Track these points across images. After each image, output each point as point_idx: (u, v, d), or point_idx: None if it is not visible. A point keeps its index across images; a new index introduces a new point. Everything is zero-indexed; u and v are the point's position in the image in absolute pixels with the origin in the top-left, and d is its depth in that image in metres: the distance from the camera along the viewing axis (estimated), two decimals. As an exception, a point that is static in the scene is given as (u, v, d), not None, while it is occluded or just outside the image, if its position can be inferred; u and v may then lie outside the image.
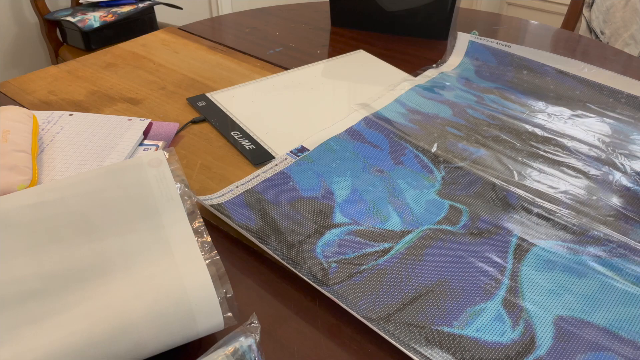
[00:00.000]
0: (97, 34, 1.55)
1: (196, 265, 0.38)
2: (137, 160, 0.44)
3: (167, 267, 0.37)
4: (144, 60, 0.82)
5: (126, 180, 0.42)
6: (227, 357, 0.33)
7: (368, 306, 0.39)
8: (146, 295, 0.35)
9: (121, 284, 0.36)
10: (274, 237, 0.45)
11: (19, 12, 1.71)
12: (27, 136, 0.55)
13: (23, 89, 0.73)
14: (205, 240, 0.40)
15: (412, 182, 0.54)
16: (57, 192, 0.40)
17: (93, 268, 0.37)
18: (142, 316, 0.34)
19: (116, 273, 0.37)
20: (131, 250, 0.38)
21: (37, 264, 0.36)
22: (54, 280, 0.36)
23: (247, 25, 0.99)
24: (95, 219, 0.39)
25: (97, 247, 0.38)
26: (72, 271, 0.36)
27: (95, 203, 0.40)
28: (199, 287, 0.36)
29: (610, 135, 0.62)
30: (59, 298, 0.35)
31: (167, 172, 0.43)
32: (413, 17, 0.92)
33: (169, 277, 0.37)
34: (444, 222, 0.48)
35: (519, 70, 0.76)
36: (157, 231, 0.40)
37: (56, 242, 0.38)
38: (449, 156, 0.58)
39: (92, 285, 0.36)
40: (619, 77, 0.71)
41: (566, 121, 0.65)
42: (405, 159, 0.57)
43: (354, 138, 0.60)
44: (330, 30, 0.96)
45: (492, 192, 0.52)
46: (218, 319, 0.36)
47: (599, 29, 1.45)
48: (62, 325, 0.34)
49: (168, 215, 0.41)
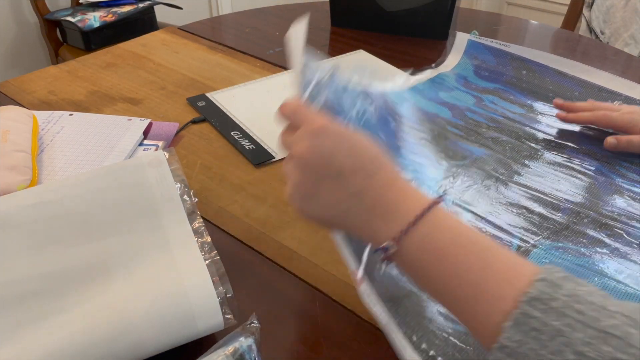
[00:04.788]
0: (97, 34, 1.55)
1: (196, 265, 0.38)
2: (137, 161, 0.44)
3: (166, 267, 0.37)
4: (144, 60, 0.82)
5: (126, 181, 0.42)
6: (227, 357, 0.33)
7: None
8: (146, 295, 0.35)
9: (121, 284, 0.36)
10: None
11: (19, 12, 1.71)
12: (27, 136, 0.55)
13: (23, 89, 0.73)
14: (205, 240, 0.40)
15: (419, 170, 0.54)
16: (57, 193, 0.40)
17: (92, 268, 0.37)
18: (141, 316, 0.34)
19: (116, 273, 0.37)
20: (131, 250, 0.38)
21: (36, 264, 0.36)
22: (53, 281, 0.36)
23: (247, 25, 0.99)
24: (94, 220, 0.39)
25: (96, 247, 0.38)
26: (72, 271, 0.36)
27: (95, 203, 0.40)
28: (199, 287, 0.36)
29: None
30: (59, 298, 0.35)
31: (167, 172, 0.43)
32: (413, 17, 0.92)
33: (169, 277, 0.37)
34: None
35: (518, 70, 0.75)
36: (156, 231, 0.39)
37: (56, 243, 0.38)
38: (450, 154, 0.58)
39: (91, 285, 0.36)
40: (618, 79, 0.71)
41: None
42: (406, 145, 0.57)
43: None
44: (330, 30, 0.96)
45: (493, 191, 0.52)
46: (218, 318, 0.36)
47: (599, 29, 1.45)
48: (62, 326, 0.34)
49: (168, 215, 0.41)
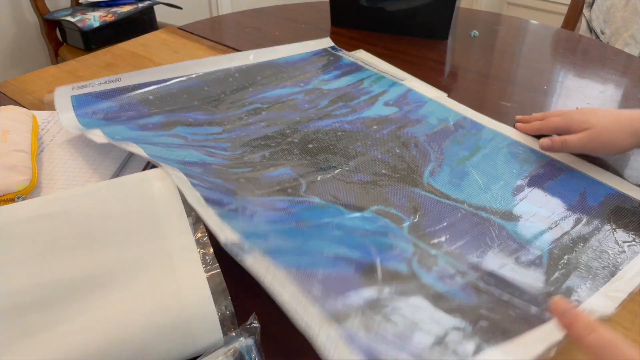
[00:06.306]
0: (97, 33, 1.55)
1: (196, 279, 0.37)
2: (142, 175, 0.44)
3: (167, 280, 0.37)
4: (144, 60, 0.82)
5: (129, 193, 0.42)
6: (227, 357, 0.33)
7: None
8: (145, 309, 0.35)
9: (120, 297, 0.35)
10: None
11: (19, 12, 1.71)
12: (27, 136, 0.55)
13: (23, 89, 0.73)
14: (207, 251, 0.39)
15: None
16: (59, 205, 0.40)
17: (92, 280, 0.36)
18: (140, 328, 0.34)
19: (115, 285, 0.36)
20: (132, 262, 0.38)
21: (35, 275, 0.36)
22: (52, 292, 0.35)
23: (247, 25, 0.99)
24: (96, 232, 0.39)
25: (97, 259, 0.37)
26: (71, 283, 0.36)
27: (97, 216, 0.40)
28: (199, 302, 0.36)
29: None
30: (57, 310, 0.34)
31: (172, 185, 0.43)
32: (413, 17, 0.92)
33: (169, 291, 0.36)
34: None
35: (144, 96, 0.65)
36: (159, 244, 0.39)
37: (56, 254, 0.37)
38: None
39: (90, 297, 0.35)
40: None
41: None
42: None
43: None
44: (330, 30, 0.96)
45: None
46: (217, 335, 0.35)
47: (599, 29, 1.45)
48: (60, 338, 0.33)
49: (171, 228, 0.40)
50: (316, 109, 0.66)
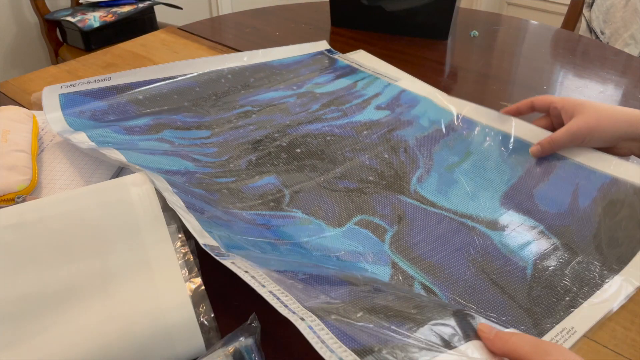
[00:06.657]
0: (97, 34, 1.55)
1: (175, 286, 0.36)
2: (120, 180, 0.43)
3: (145, 288, 0.36)
4: (144, 60, 0.82)
5: (108, 199, 0.41)
6: (227, 357, 0.33)
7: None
8: (122, 317, 0.34)
9: (97, 306, 0.35)
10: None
11: (19, 12, 1.71)
12: (27, 136, 0.55)
13: (23, 89, 0.73)
14: (189, 259, 0.39)
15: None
16: (37, 212, 0.39)
17: (70, 290, 0.36)
18: (117, 338, 0.33)
19: (93, 294, 0.36)
20: (110, 271, 0.37)
21: (12, 286, 0.35)
22: (29, 303, 0.35)
23: (247, 25, 0.99)
24: (74, 240, 0.38)
25: (75, 268, 0.37)
26: (48, 293, 0.35)
27: (76, 223, 0.39)
28: (178, 308, 0.35)
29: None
30: (34, 321, 0.34)
31: (151, 190, 0.42)
32: (413, 17, 0.92)
33: (147, 299, 0.36)
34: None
35: (134, 97, 0.64)
36: (137, 251, 0.38)
37: (33, 264, 0.36)
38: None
39: (67, 307, 0.35)
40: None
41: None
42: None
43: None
44: (330, 30, 0.96)
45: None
46: (198, 341, 0.35)
47: (599, 29, 1.46)
48: (37, 349, 0.33)
49: (150, 234, 0.39)
50: (307, 112, 0.65)
